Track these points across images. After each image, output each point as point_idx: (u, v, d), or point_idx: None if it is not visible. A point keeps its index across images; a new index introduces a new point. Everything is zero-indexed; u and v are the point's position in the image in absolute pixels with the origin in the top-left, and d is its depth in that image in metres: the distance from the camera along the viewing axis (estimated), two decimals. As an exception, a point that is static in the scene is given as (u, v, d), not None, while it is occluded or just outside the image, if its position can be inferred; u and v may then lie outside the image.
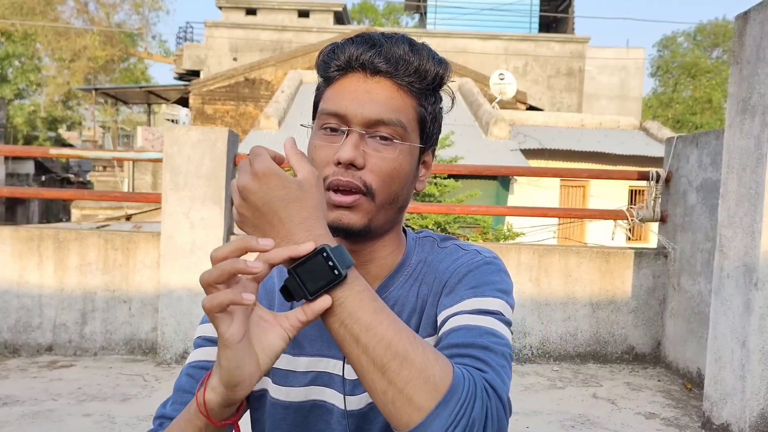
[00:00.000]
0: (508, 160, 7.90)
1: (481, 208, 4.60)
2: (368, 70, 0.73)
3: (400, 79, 0.74)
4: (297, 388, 0.78)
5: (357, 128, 0.72)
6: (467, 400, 0.58)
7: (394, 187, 0.74)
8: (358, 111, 0.72)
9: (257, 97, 13.94)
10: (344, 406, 0.77)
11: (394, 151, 0.73)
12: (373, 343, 0.58)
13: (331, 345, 0.78)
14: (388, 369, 0.58)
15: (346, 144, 0.71)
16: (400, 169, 0.74)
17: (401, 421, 0.58)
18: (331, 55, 0.76)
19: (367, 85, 0.73)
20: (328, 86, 0.77)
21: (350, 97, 0.73)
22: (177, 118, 30.37)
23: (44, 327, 3.78)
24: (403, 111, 0.74)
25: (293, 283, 0.60)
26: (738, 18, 2.83)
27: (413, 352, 0.58)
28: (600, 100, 16.72)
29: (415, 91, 0.75)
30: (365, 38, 0.74)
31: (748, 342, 2.64)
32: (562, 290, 3.92)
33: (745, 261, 2.69)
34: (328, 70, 0.76)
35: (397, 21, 30.00)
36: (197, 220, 3.64)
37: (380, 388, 0.58)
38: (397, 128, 0.73)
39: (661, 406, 3.23)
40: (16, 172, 14.60)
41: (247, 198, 0.61)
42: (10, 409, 2.88)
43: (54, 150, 4.47)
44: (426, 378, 0.57)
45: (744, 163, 2.73)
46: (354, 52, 0.73)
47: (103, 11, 23.37)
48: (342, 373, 0.77)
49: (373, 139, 0.73)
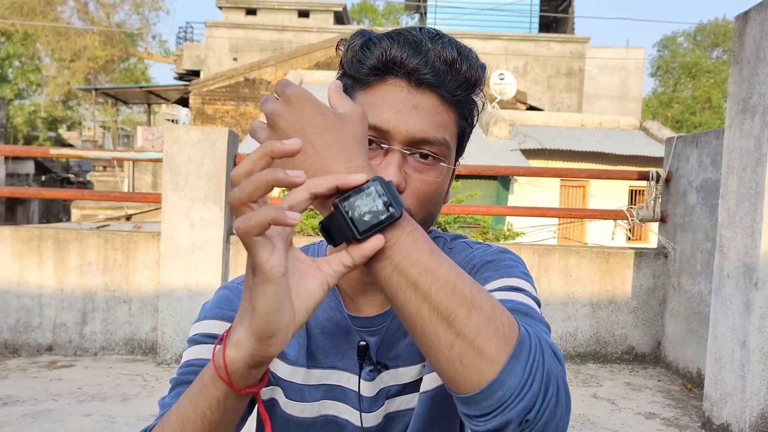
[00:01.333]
0: (508, 160, 7.90)
1: (481, 208, 4.60)
2: (413, 79, 0.65)
3: (446, 91, 0.67)
4: (311, 404, 0.75)
5: (399, 146, 0.65)
6: (537, 353, 0.51)
7: (431, 208, 0.69)
8: (403, 127, 0.65)
9: (257, 97, 13.94)
10: (360, 423, 0.74)
11: (435, 173, 0.67)
12: (436, 288, 0.50)
13: (344, 357, 0.75)
14: (455, 318, 0.49)
15: (390, 166, 0.64)
16: (439, 191, 0.69)
17: (471, 380, 0.49)
18: (365, 52, 0.67)
19: (412, 98, 0.65)
20: (360, 88, 0.68)
21: (393, 109, 0.65)
22: (177, 118, 30.37)
23: (44, 327, 3.78)
24: (447, 127, 0.68)
25: (339, 221, 0.50)
26: (738, 18, 2.82)
27: (480, 297, 0.51)
28: (600, 100, 16.72)
29: (458, 104, 0.69)
30: (408, 39, 0.66)
31: (748, 342, 2.64)
32: (562, 290, 3.92)
33: (745, 261, 2.69)
34: (362, 70, 0.67)
35: (397, 21, 30.00)
36: (197, 220, 3.64)
37: (446, 342, 0.50)
38: (441, 147, 0.67)
39: (661, 406, 3.23)
40: (16, 172, 14.60)
41: (277, 125, 0.52)
42: (10, 409, 2.88)
43: (54, 150, 4.47)
44: (496, 327, 0.50)
45: (744, 163, 2.73)
46: (397, 54, 0.65)
47: (103, 11, 23.37)
48: (357, 389, 0.74)
49: (413, 157, 0.66)
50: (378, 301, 0.75)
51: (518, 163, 8.12)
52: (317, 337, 0.76)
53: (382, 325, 0.75)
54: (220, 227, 3.66)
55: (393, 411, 0.75)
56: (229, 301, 0.76)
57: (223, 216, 3.66)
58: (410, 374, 0.75)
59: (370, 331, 0.74)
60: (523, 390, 0.49)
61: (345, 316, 0.75)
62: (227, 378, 0.51)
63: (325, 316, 0.76)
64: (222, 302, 0.77)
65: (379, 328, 0.75)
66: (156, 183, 14.62)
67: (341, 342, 0.75)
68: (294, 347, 0.75)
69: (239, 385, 0.52)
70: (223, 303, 0.77)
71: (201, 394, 0.54)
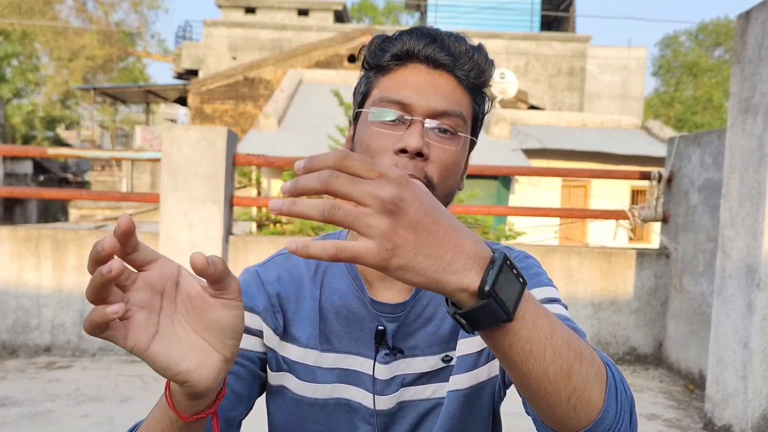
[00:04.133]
0: (510, 160, 7.88)
1: (482, 208, 4.59)
2: (431, 62, 0.72)
3: (461, 73, 0.73)
4: (323, 386, 0.77)
5: (420, 118, 0.71)
6: (619, 382, 0.55)
7: (451, 181, 0.73)
8: (423, 102, 0.71)
9: (256, 96, 13.92)
10: (374, 405, 0.76)
11: (455, 144, 0.73)
12: (559, 347, 0.50)
13: (359, 343, 0.76)
14: (573, 371, 0.51)
15: (413, 132, 0.69)
16: (458, 163, 0.74)
17: (579, 422, 0.52)
18: (387, 44, 0.74)
19: (431, 78, 0.72)
20: (382, 75, 0.74)
21: (414, 87, 0.72)
22: (176, 117, 30.35)
23: (42, 328, 3.76)
24: (464, 105, 0.74)
25: (492, 307, 0.46)
26: (740, 17, 2.81)
27: (580, 344, 0.52)
28: (601, 99, 16.71)
29: (471, 88, 0.75)
30: (423, 32, 0.73)
31: (750, 343, 2.62)
32: (563, 291, 3.91)
33: (747, 261, 2.67)
34: (383, 58, 0.74)
35: (397, 20, 29.98)
36: (196, 221, 3.62)
37: (565, 395, 0.51)
38: (459, 120, 0.73)
39: (663, 407, 3.21)
40: (14, 172, 14.58)
41: (406, 212, 0.44)
42: (8, 410, 2.86)
43: (52, 150, 4.45)
44: (596, 371, 0.53)
45: (746, 163, 2.71)
46: (416, 43, 0.72)
47: (102, 10, 23.35)
48: (372, 373, 0.76)
49: (433, 131, 0.71)
50: (397, 287, 0.77)
51: (519, 162, 8.10)
52: (332, 322, 0.78)
53: (401, 313, 0.77)
54: (219, 227, 3.64)
55: (407, 399, 0.77)
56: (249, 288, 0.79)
57: (222, 216, 3.65)
58: (427, 364, 0.77)
59: (389, 318, 0.76)
60: (617, 421, 0.54)
61: (366, 300, 0.77)
62: (173, 408, 0.55)
63: (342, 302, 0.78)
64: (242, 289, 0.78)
65: (399, 315, 0.77)
66: (154, 183, 14.61)
67: (356, 328, 0.77)
68: (306, 330, 0.77)
69: (186, 413, 0.55)
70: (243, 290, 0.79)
71: (160, 413, 0.58)
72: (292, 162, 4.30)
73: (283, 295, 0.78)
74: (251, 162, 4.52)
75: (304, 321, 0.78)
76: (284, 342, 0.78)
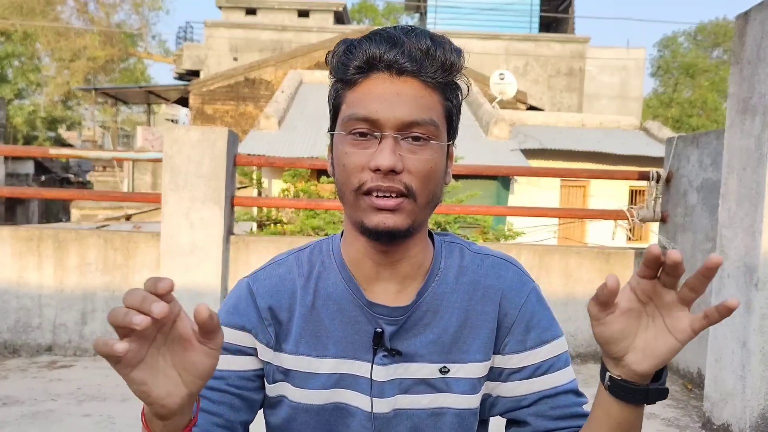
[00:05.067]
0: (509, 160, 7.89)
1: (482, 208, 4.60)
2: (393, 70, 0.70)
3: (426, 76, 0.71)
4: (319, 391, 0.78)
5: (391, 132, 0.70)
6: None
7: (431, 186, 0.73)
8: (390, 114, 0.70)
9: (257, 97, 13.94)
10: (371, 408, 0.77)
11: (429, 152, 0.71)
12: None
13: (356, 346, 0.77)
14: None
15: (384, 150, 0.69)
16: (436, 169, 0.73)
17: None
18: (348, 55, 0.72)
19: (395, 86, 0.70)
20: (348, 89, 0.73)
21: (379, 100, 0.70)
22: (177, 118, 30.37)
23: (44, 327, 3.77)
24: (433, 109, 0.72)
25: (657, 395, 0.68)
26: (738, 18, 2.82)
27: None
28: (600, 100, 16.72)
29: (440, 86, 0.73)
30: (384, 36, 0.71)
31: (749, 342, 2.64)
32: (562, 290, 3.92)
33: (745, 261, 2.69)
34: (347, 72, 0.72)
35: (396, 21, 29.99)
36: (197, 220, 3.64)
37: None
38: (430, 127, 0.71)
39: (662, 407, 3.22)
40: (16, 172, 14.59)
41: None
42: (9, 409, 2.88)
43: (54, 150, 4.46)
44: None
45: (744, 163, 2.72)
46: (376, 51, 0.70)
47: (103, 11, 23.36)
48: (370, 375, 0.77)
49: (406, 141, 0.71)
50: (393, 289, 0.78)
51: (518, 163, 8.11)
52: (328, 327, 0.78)
53: (401, 317, 0.77)
54: (220, 227, 3.66)
55: (403, 407, 0.78)
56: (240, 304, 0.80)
57: (223, 216, 3.66)
58: (424, 371, 0.78)
59: (387, 320, 0.77)
60: None
61: (363, 303, 0.77)
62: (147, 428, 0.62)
63: (337, 306, 0.78)
64: (234, 306, 0.81)
65: (398, 319, 0.77)
66: (156, 183, 14.62)
67: (353, 331, 0.78)
68: (300, 337, 0.78)
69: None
70: (234, 307, 0.81)
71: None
72: (293, 162, 4.32)
73: (274, 306, 0.79)
74: (252, 162, 4.54)
75: (298, 329, 0.78)
76: (278, 353, 0.79)
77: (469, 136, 8.83)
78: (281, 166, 5.00)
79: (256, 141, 8.17)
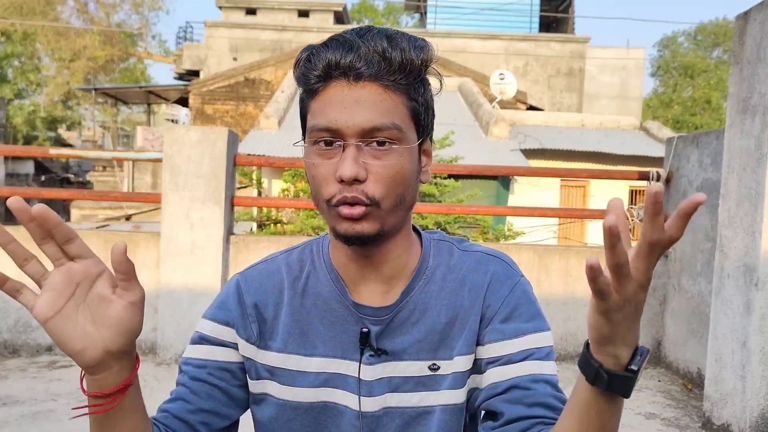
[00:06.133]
0: (509, 160, 7.90)
1: (482, 208, 4.60)
2: (350, 76, 0.69)
3: (385, 80, 0.69)
4: (307, 389, 0.78)
5: (352, 140, 0.69)
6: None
7: (399, 190, 0.72)
8: (350, 122, 0.68)
9: (257, 97, 13.94)
10: (359, 407, 0.77)
11: (393, 156, 0.70)
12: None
13: (344, 346, 0.78)
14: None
15: (346, 160, 0.68)
16: (402, 172, 0.71)
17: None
18: (308, 65, 0.71)
19: (353, 93, 0.69)
20: (311, 98, 0.72)
21: (338, 108, 0.69)
22: (177, 118, 30.38)
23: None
24: (395, 112, 0.70)
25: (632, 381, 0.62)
26: (738, 18, 2.82)
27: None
28: (600, 100, 16.72)
29: (402, 87, 0.71)
30: (340, 41, 0.70)
31: (749, 342, 2.64)
32: (562, 290, 3.92)
33: (745, 261, 2.69)
34: (309, 82, 0.72)
35: (397, 21, 30.00)
36: (197, 221, 3.64)
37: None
38: (393, 131, 0.70)
39: (662, 407, 3.22)
40: (16, 172, 14.59)
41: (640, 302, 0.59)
42: (9, 409, 2.88)
43: (54, 150, 4.47)
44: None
45: (744, 163, 2.72)
46: (331, 58, 0.69)
47: (103, 11, 23.37)
48: (358, 375, 0.77)
49: (370, 147, 0.70)
50: (379, 290, 0.78)
51: (518, 163, 8.11)
52: (316, 326, 0.79)
53: (386, 316, 0.78)
54: (220, 227, 3.66)
55: (393, 406, 0.78)
56: (227, 300, 0.82)
57: (223, 216, 3.66)
58: (413, 369, 0.78)
59: (372, 320, 0.78)
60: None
61: (349, 304, 0.78)
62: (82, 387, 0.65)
63: (325, 306, 0.79)
64: (222, 302, 0.83)
65: (383, 318, 0.78)
66: (156, 183, 14.63)
67: (340, 331, 0.78)
68: (285, 335, 0.79)
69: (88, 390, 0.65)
70: (222, 303, 0.83)
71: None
72: (293, 162, 4.32)
73: (260, 303, 0.80)
74: (252, 162, 4.54)
75: (287, 327, 0.79)
76: (262, 350, 0.80)
77: (469, 136, 8.84)
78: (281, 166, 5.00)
79: (256, 141, 8.18)
